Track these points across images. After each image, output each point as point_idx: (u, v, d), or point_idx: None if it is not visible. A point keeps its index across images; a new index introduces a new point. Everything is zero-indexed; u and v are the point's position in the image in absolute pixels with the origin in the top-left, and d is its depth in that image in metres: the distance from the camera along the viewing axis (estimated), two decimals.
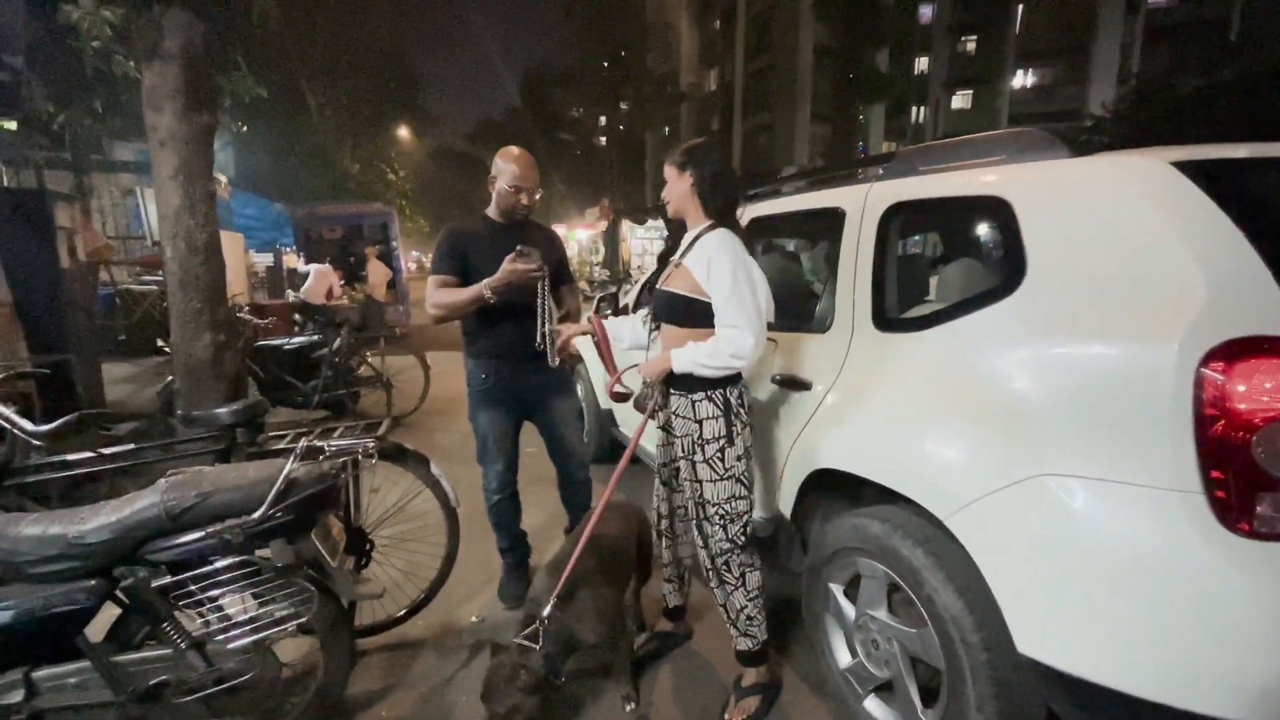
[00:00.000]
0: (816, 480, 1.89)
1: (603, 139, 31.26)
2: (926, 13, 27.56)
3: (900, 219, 1.89)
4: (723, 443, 1.78)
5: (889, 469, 1.63)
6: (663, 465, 2.03)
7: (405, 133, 22.36)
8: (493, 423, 2.39)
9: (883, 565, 1.63)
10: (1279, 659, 1.06)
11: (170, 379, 3.89)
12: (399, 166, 21.19)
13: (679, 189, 1.83)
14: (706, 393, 1.77)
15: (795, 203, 2.40)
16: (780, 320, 2.33)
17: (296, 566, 1.61)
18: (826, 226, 2.15)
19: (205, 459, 1.99)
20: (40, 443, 1.93)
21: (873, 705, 1.77)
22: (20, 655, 1.47)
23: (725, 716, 1.90)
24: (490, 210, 2.37)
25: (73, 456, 1.91)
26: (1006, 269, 1.51)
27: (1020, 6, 25.97)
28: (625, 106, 27.94)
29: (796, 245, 3.97)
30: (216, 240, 3.63)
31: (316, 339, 5.09)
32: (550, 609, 1.71)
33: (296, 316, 6.43)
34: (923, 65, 28.46)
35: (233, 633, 1.54)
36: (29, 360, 3.66)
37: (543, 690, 1.66)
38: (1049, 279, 1.41)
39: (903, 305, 1.89)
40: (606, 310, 3.58)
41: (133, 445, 2.01)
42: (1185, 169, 1.29)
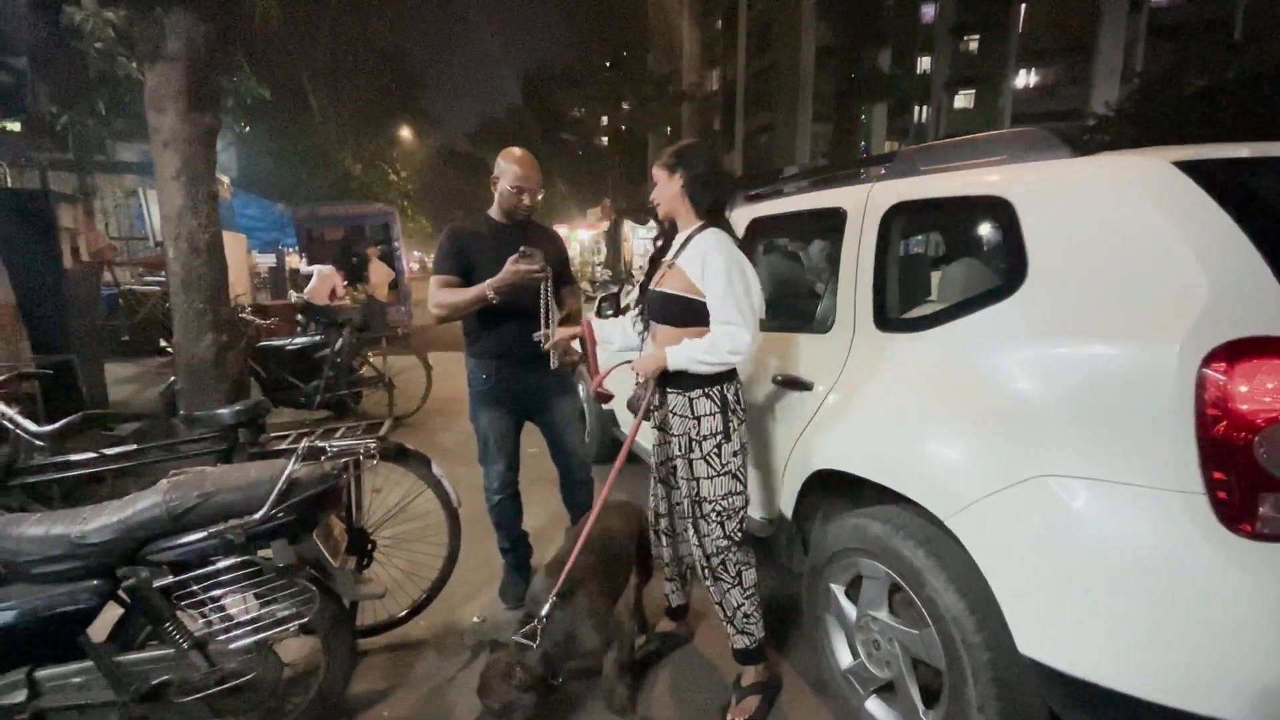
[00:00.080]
0: (817, 481, 1.89)
1: (604, 139, 31.26)
2: (929, 12, 27.49)
3: (901, 219, 1.89)
4: (720, 438, 1.79)
5: (890, 469, 1.63)
6: (660, 464, 2.03)
7: (407, 133, 22.37)
8: (494, 423, 2.39)
9: (884, 566, 1.63)
10: None
11: (173, 379, 3.91)
12: (401, 167, 21.21)
13: (669, 190, 1.84)
14: (704, 390, 1.78)
15: (797, 203, 2.39)
16: (782, 321, 2.34)
17: (298, 567, 1.62)
18: (828, 226, 2.15)
19: (207, 459, 2.00)
20: (43, 443, 1.94)
21: (874, 706, 1.76)
22: (23, 655, 1.47)
23: (728, 717, 1.90)
24: (492, 211, 2.37)
25: (75, 457, 1.92)
26: (1008, 269, 1.51)
27: (1023, 6, 25.90)
28: (627, 106, 27.92)
29: (793, 245, 3.96)
30: (219, 241, 3.64)
31: (318, 339, 5.09)
32: (548, 608, 1.71)
33: (299, 317, 6.43)
34: (925, 65, 28.39)
35: (235, 633, 1.54)
36: (32, 361, 3.67)
37: (539, 689, 1.66)
38: (1050, 279, 1.41)
39: (904, 305, 1.89)
40: (608, 310, 3.59)
41: (135, 446, 2.02)
42: (1187, 169, 1.29)
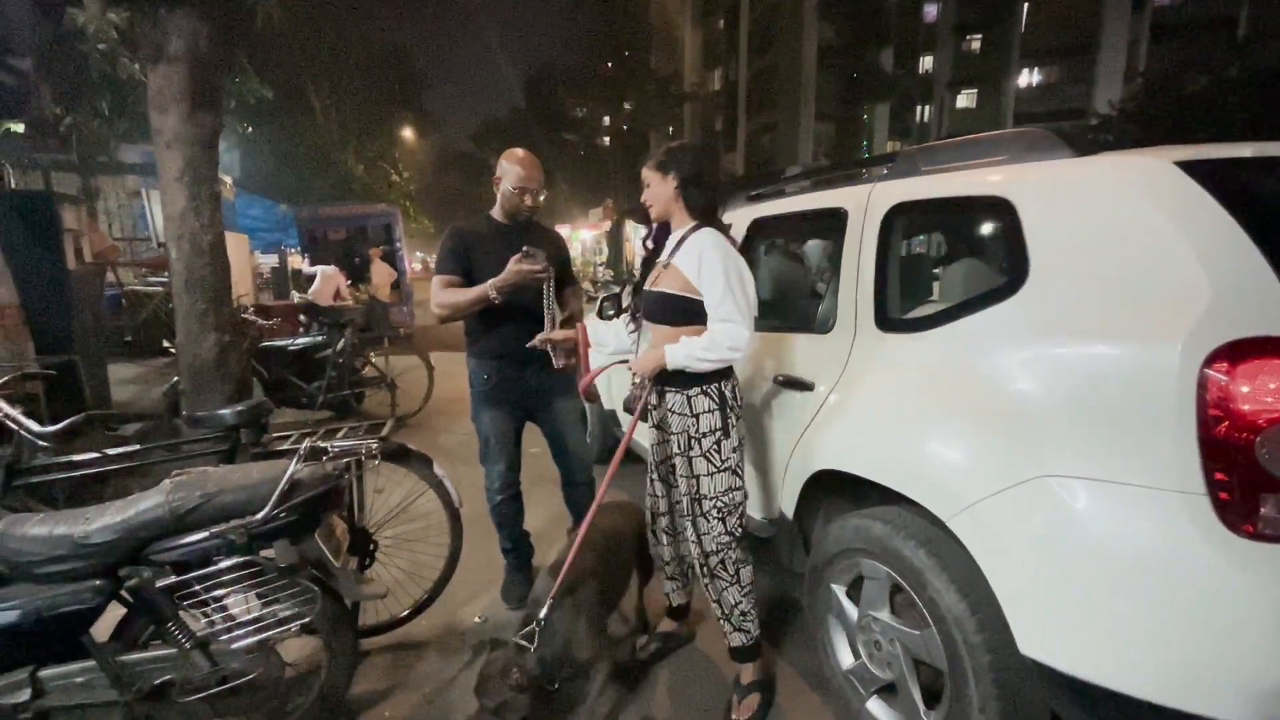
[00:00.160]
0: (819, 481, 1.89)
1: (607, 139, 31.26)
2: (931, 11, 27.45)
3: (903, 219, 1.89)
4: (719, 435, 1.79)
5: (891, 470, 1.63)
6: (659, 463, 2.03)
7: (409, 133, 22.40)
8: (495, 423, 2.39)
9: (885, 566, 1.62)
10: None
11: (175, 380, 3.92)
12: (403, 167, 21.23)
13: (663, 192, 1.84)
14: (702, 387, 1.79)
15: (798, 203, 2.39)
16: (783, 321, 2.34)
17: (300, 567, 1.62)
18: (829, 227, 2.15)
19: (210, 460, 2.00)
20: (47, 443, 1.94)
21: (875, 707, 1.76)
22: (26, 654, 1.48)
23: (731, 715, 1.90)
24: (495, 211, 2.37)
25: (79, 457, 1.92)
26: (1009, 269, 1.51)
27: (1025, 5, 25.83)
28: (629, 106, 27.94)
29: (795, 245, 3.96)
30: (221, 241, 3.65)
31: (321, 340, 5.10)
32: (546, 610, 1.71)
33: (301, 317, 6.44)
34: (927, 64, 28.34)
35: (237, 633, 1.55)
36: (36, 361, 3.68)
37: (535, 690, 1.65)
38: (1052, 279, 1.41)
39: (906, 306, 1.89)
40: (610, 311, 3.59)
41: (138, 446, 2.03)
42: (1189, 168, 1.29)
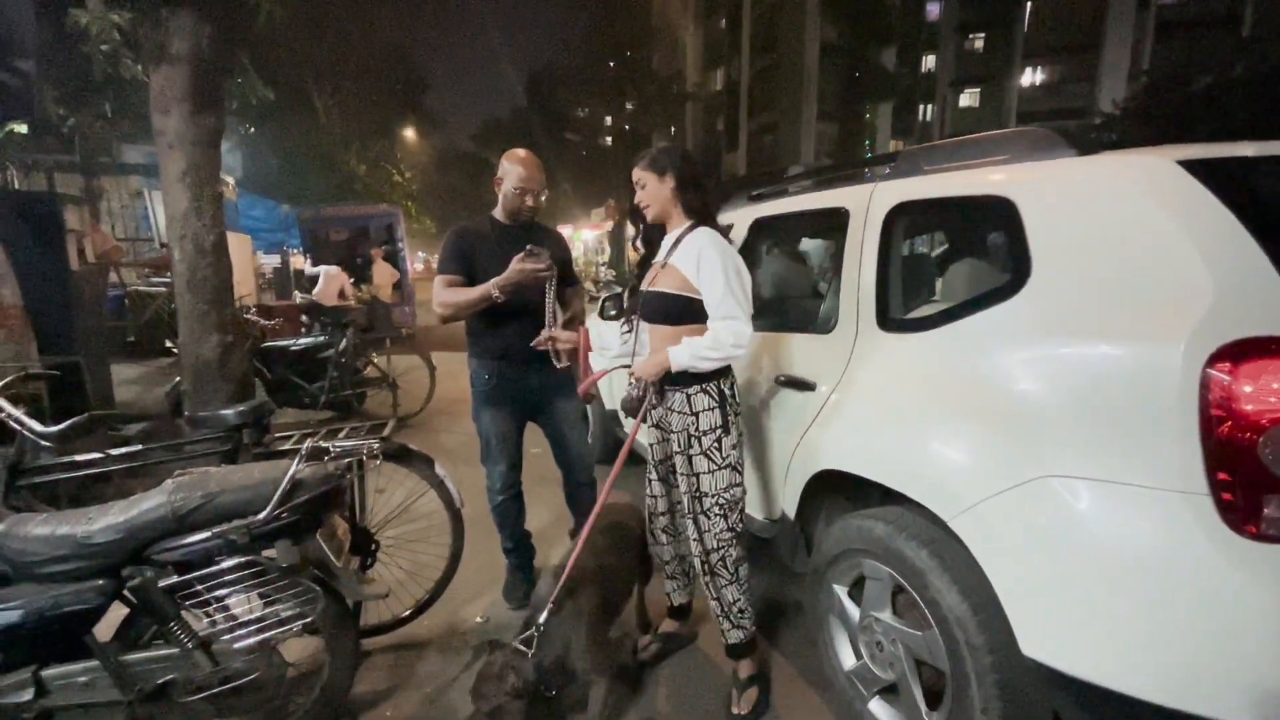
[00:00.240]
0: (820, 481, 1.89)
1: (609, 139, 31.27)
2: (934, 10, 27.38)
3: (904, 219, 1.88)
4: (719, 433, 1.80)
5: (893, 470, 1.63)
6: (659, 462, 2.03)
7: (411, 134, 22.44)
8: (496, 423, 2.39)
9: (887, 567, 1.62)
10: None
11: (178, 380, 3.93)
12: (405, 167, 21.27)
13: (660, 193, 1.84)
14: (701, 385, 1.79)
15: (800, 203, 2.39)
16: (784, 321, 2.33)
17: (302, 567, 1.62)
18: (831, 226, 2.14)
19: (212, 460, 2.01)
20: (49, 444, 1.94)
21: (877, 707, 1.76)
22: (29, 654, 1.48)
23: (734, 711, 1.90)
24: (496, 212, 2.37)
25: (81, 457, 1.93)
26: (1011, 269, 1.50)
27: (1029, 3, 25.76)
28: (631, 106, 27.95)
29: (796, 245, 3.95)
30: (224, 242, 3.66)
31: (322, 340, 5.10)
32: (545, 615, 1.70)
33: (303, 317, 6.45)
34: (930, 63, 28.28)
35: (239, 632, 1.55)
36: (39, 361, 3.70)
37: (531, 696, 1.63)
38: (1054, 279, 1.40)
39: (907, 305, 1.88)
40: (612, 311, 3.59)
41: (140, 446, 2.03)
42: (1191, 168, 1.28)
